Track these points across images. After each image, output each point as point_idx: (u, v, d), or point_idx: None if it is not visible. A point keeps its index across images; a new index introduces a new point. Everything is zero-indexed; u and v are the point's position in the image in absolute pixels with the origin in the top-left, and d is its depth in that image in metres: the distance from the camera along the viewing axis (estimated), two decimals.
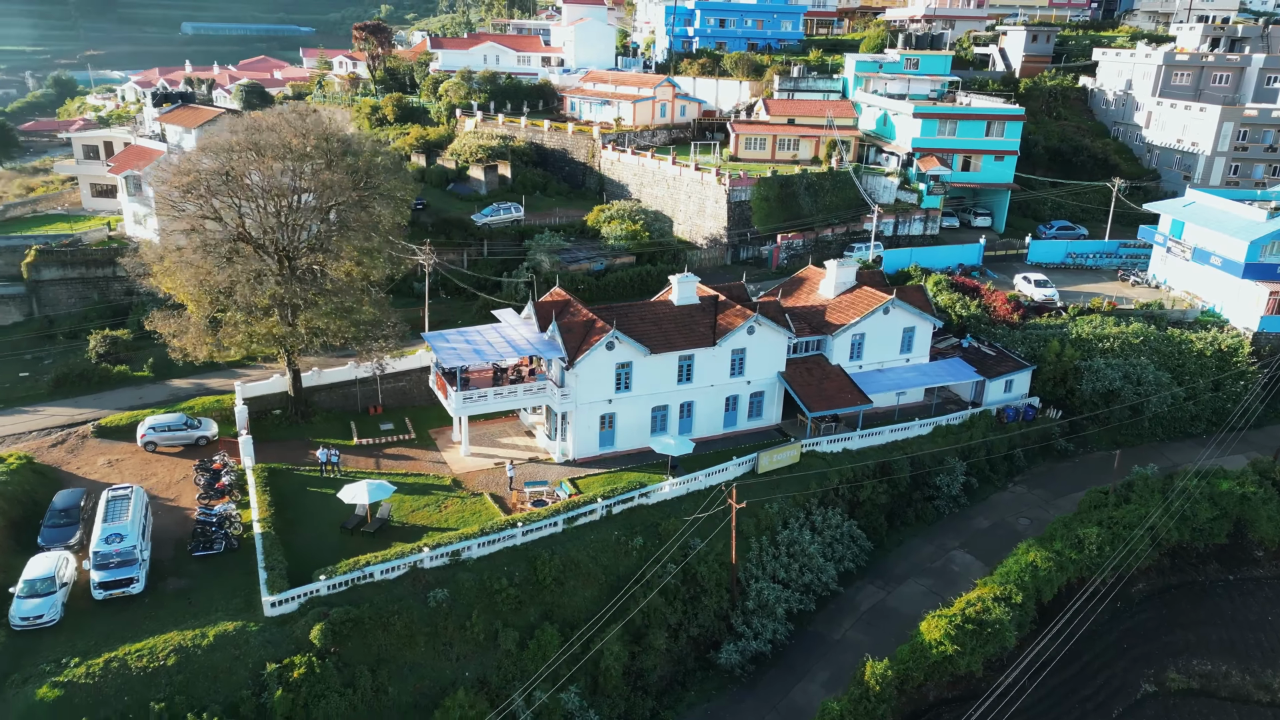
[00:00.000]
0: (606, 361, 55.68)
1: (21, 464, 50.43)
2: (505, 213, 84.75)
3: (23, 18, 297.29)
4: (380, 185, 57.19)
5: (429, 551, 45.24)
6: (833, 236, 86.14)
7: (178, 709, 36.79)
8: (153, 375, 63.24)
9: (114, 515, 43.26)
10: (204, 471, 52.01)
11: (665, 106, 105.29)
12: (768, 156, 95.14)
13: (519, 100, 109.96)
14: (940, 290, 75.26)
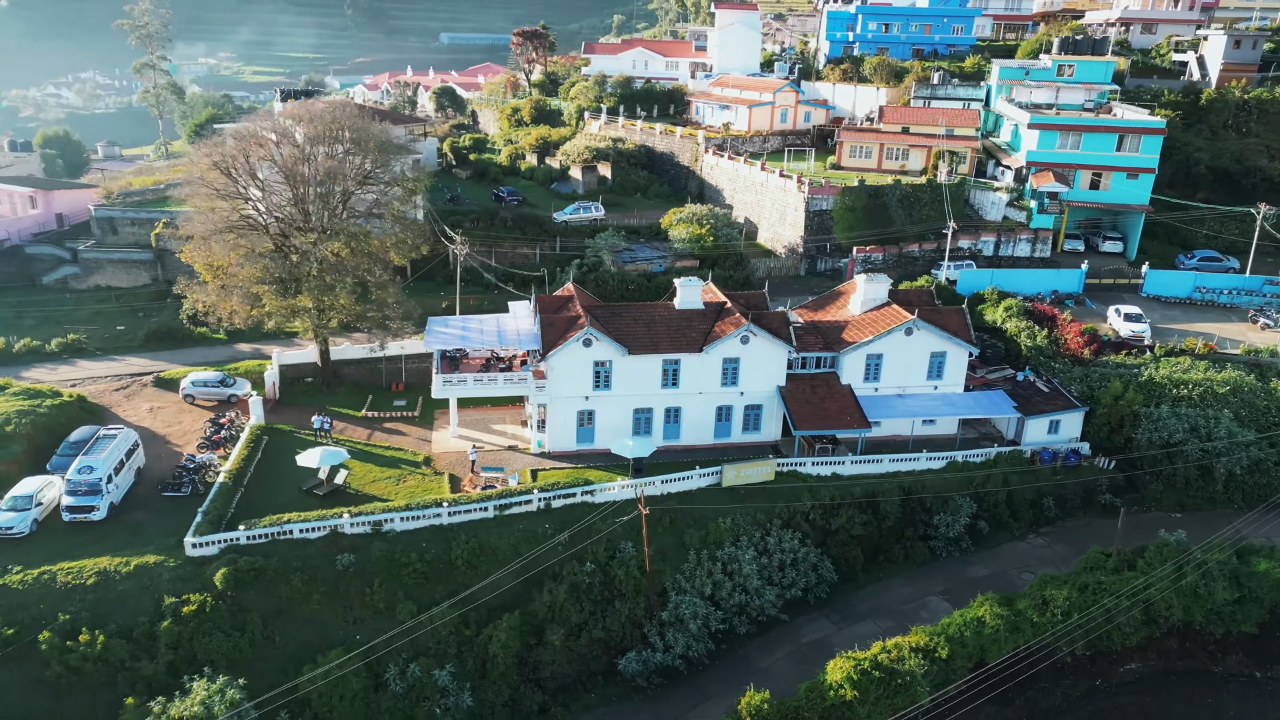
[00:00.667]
0: (583, 358, 56.19)
1: (72, 401, 58.85)
2: (585, 211, 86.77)
3: (308, 28, 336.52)
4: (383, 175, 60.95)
5: (349, 518, 48.15)
6: (919, 253, 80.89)
7: (80, 624, 41.96)
8: (226, 338, 71.04)
9: (94, 451, 49.63)
10: (212, 424, 58.18)
11: (786, 112, 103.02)
12: (874, 165, 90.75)
13: (650, 104, 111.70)
14: (1010, 317, 68.84)
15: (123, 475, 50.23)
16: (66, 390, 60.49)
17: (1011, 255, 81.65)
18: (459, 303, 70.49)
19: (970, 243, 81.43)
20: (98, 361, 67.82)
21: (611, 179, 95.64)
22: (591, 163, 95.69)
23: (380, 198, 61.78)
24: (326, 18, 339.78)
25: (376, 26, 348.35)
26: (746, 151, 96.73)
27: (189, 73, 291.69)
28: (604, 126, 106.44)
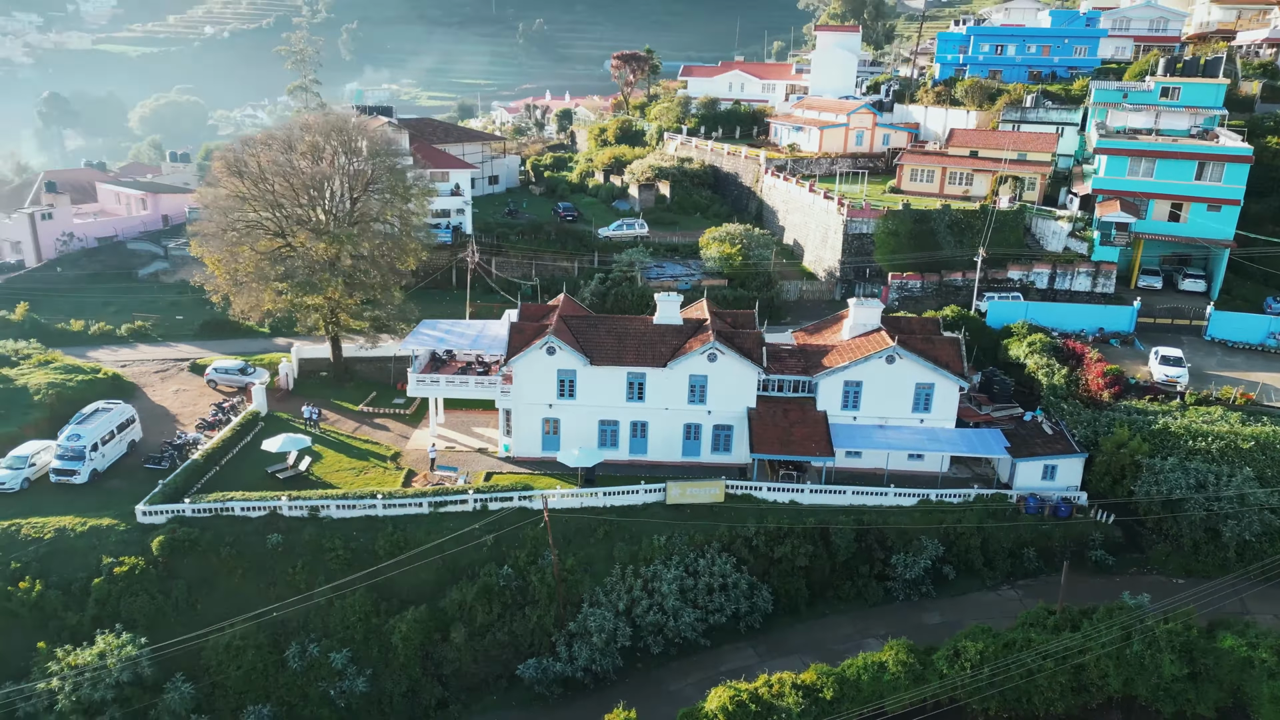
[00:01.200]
0: (547, 365, 56.97)
1: (105, 378, 65.29)
2: (628, 228, 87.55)
3: (483, 55, 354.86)
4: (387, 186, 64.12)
5: (287, 500, 51.00)
6: (963, 282, 76.40)
7: (27, 572, 46.64)
8: (269, 333, 76.54)
9: (87, 422, 54.98)
10: (216, 407, 63.02)
11: (862, 135, 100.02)
12: (935, 190, 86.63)
13: (732, 126, 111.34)
14: (1033, 352, 63.93)
15: (111, 446, 55.36)
16: (106, 368, 67.17)
17: (1069, 289, 75.62)
18: (466, 309, 72.93)
19: (1022, 273, 76.14)
20: (155, 346, 74.83)
21: (671, 198, 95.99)
22: (651, 181, 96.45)
23: (381, 204, 64.98)
24: (500, 46, 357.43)
25: (546, 54, 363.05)
26: (813, 173, 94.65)
27: (373, 97, 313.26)
28: (680, 147, 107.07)
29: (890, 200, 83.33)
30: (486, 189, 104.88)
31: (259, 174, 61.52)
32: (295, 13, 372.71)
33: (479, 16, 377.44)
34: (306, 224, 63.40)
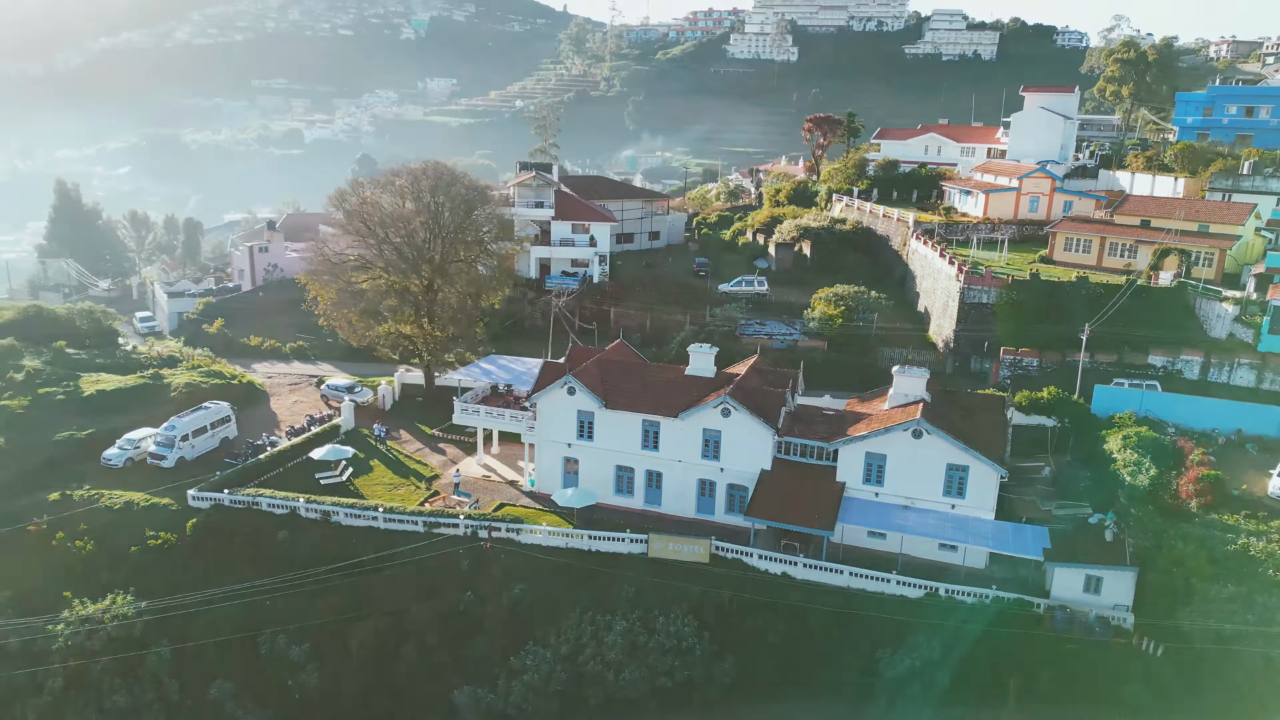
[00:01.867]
0: (567, 405, 58.00)
1: (241, 384, 75.00)
2: (748, 285, 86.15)
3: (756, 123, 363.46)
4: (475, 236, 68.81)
5: (304, 503, 55.89)
6: (1091, 364, 67.25)
7: (89, 534, 54.89)
8: (397, 358, 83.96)
9: (184, 417, 63.70)
10: (310, 418, 70.25)
11: (1037, 201, 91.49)
12: (1092, 261, 77.27)
13: (909, 189, 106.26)
14: (1127, 447, 54.94)
15: (203, 439, 63.71)
16: (246, 376, 77.20)
17: (1227, 383, 64.13)
18: (548, 350, 75.57)
19: (1166, 360, 65.79)
20: (305, 364, 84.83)
21: (811, 258, 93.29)
22: (794, 241, 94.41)
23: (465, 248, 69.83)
24: (773, 114, 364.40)
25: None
26: (969, 239, 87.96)
27: (644, 163, 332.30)
28: (844, 209, 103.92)
29: (1044, 270, 75.47)
30: (646, 244, 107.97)
31: (359, 210, 68.76)
32: (593, 87, 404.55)
33: (760, 88, 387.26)
34: (401, 261, 69.64)
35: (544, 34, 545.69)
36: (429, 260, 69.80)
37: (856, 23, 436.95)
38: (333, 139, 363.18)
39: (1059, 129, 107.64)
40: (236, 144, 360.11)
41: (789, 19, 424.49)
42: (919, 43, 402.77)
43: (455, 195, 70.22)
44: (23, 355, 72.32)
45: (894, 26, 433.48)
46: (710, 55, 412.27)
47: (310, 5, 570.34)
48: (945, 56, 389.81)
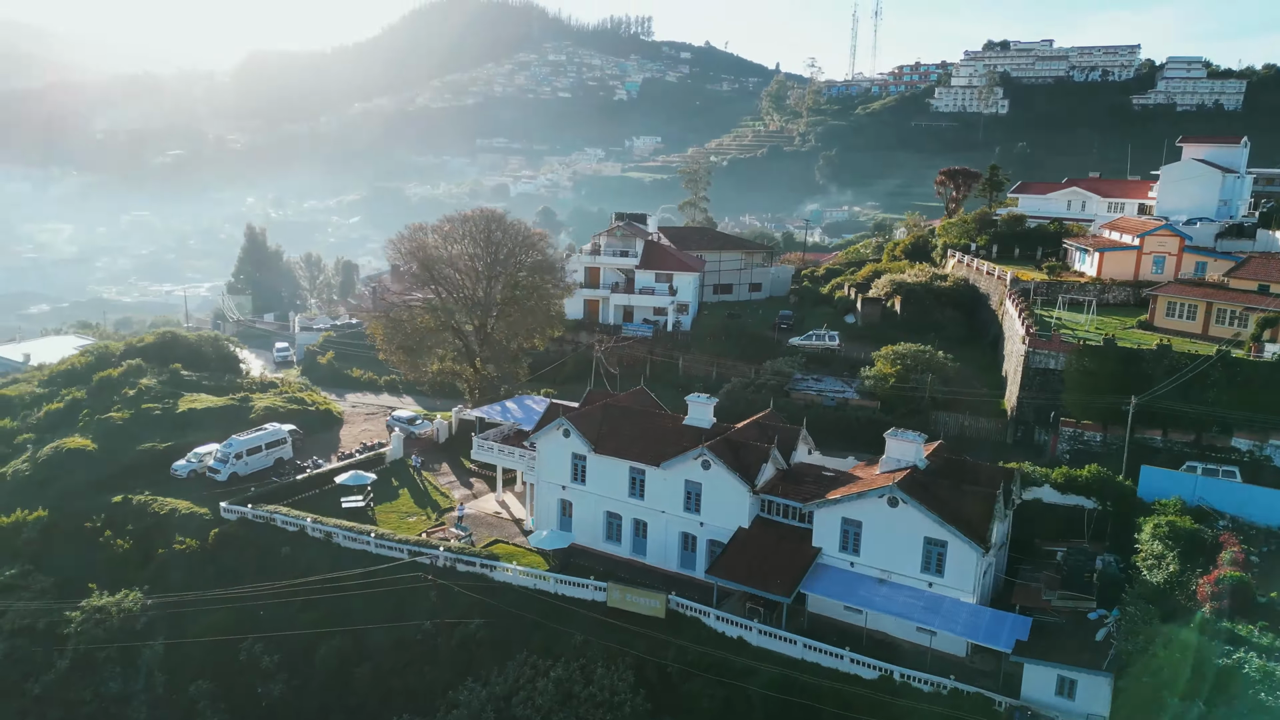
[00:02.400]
0: (562, 446, 58.46)
1: (319, 410, 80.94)
2: (819, 340, 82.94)
3: None
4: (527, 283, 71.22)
5: (311, 522, 59.51)
6: (1162, 443, 59.53)
7: (131, 535, 61.14)
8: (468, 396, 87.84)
9: (243, 437, 69.61)
10: (363, 445, 74.69)
11: (1162, 261, 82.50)
12: (1197, 330, 68.74)
13: (1032, 245, 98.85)
14: (1157, 537, 48.16)
15: (257, 458, 69.40)
16: (327, 402, 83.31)
17: None
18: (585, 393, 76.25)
19: (1253, 444, 57.18)
20: (393, 395, 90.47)
21: (902, 314, 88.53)
22: (885, 296, 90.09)
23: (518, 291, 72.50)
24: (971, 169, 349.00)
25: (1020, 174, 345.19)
26: (1080, 300, 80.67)
27: (830, 217, 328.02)
28: (956, 265, 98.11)
29: (1137, 336, 68.27)
30: (746, 295, 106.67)
31: (414, 252, 73.17)
32: (788, 142, 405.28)
33: (961, 142, 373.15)
34: (450, 301, 73.31)
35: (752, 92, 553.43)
36: (477, 301, 72.99)
37: (1078, 73, 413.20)
38: (535, 193, 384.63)
39: (1215, 184, 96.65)
40: (450, 197, 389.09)
41: (1001, 71, 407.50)
42: (1150, 92, 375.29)
43: (504, 240, 73.15)
44: (144, 375, 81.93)
45: (1121, 76, 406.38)
46: (912, 109, 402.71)
47: (536, 71, 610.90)
48: (1181, 107, 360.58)
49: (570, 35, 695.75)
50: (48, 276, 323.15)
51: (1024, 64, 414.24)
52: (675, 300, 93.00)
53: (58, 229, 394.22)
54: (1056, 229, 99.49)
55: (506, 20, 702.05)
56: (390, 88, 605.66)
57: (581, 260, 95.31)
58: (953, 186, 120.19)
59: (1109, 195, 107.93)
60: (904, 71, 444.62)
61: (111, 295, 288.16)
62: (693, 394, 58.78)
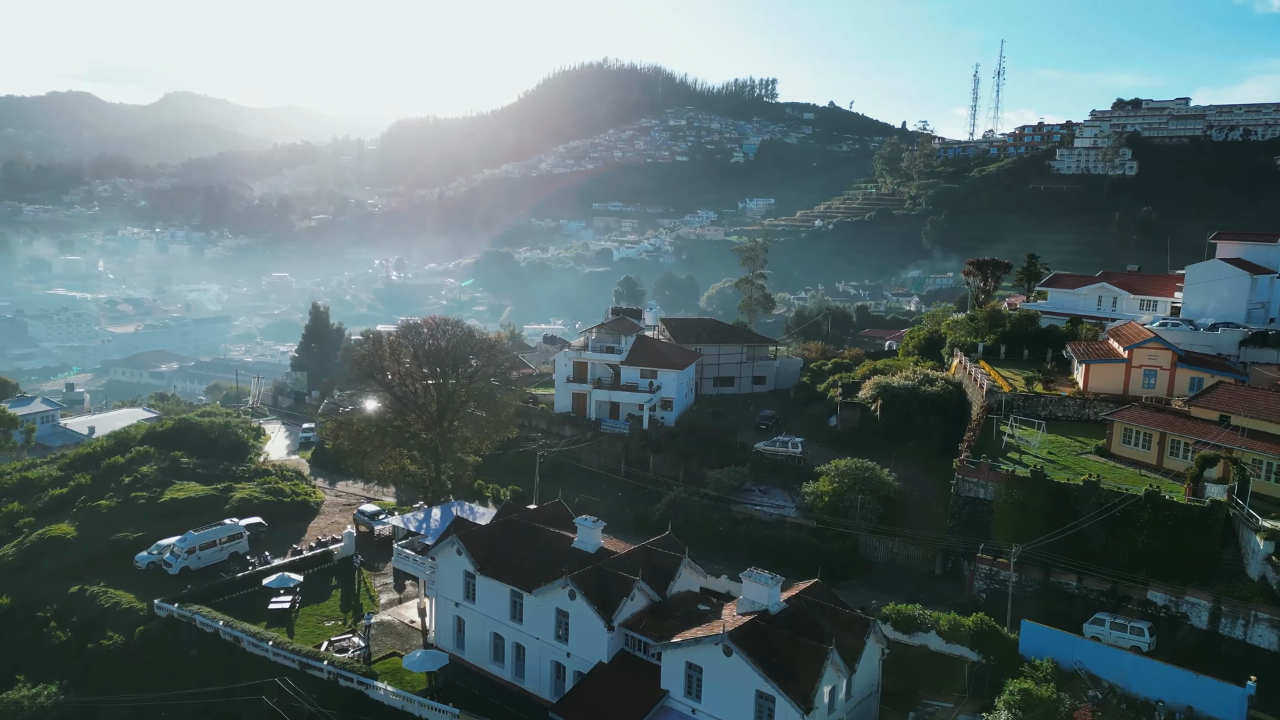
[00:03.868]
0: (455, 564, 59.56)
1: (295, 501, 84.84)
2: (782, 445, 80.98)
3: (1066, 242, 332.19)
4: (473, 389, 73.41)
5: (223, 626, 62.44)
6: (1078, 589, 55.24)
7: (70, 627, 65.69)
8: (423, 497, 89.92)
9: (199, 531, 73.78)
10: (317, 541, 77.78)
11: (1153, 375, 76.83)
12: (1152, 461, 63.67)
13: (1042, 347, 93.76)
14: (1008, 705, 44.78)
15: (211, 552, 73.44)
16: (309, 494, 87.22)
17: (1243, 639, 49.49)
18: (534, 494, 77.00)
19: (1168, 598, 52.33)
20: (381, 486, 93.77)
21: (882, 420, 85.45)
22: (866, 400, 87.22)
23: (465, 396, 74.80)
24: (1091, 234, 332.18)
25: (1147, 243, 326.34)
26: (1056, 417, 76.14)
27: (932, 284, 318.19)
28: (958, 366, 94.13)
29: (1093, 466, 64.05)
30: (749, 388, 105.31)
31: (364, 361, 76.60)
32: (897, 205, 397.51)
33: (1081, 206, 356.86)
34: (403, 406, 76.09)
35: (874, 151, 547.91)
36: (425, 408, 75.55)
37: (1216, 132, 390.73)
38: (636, 257, 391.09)
39: (1244, 286, 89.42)
40: (557, 261, 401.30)
41: (1130, 130, 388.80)
42: None
43: (448, 349, 75.67)
44: (147, 462, 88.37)
45: (1266, 135, 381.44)
46: (1031, 171, 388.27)
47: (656, 135, 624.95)
48: None
49: (693, 99, 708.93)
50: (189, 334, 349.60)
51: (1155, 124, 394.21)
52: (658, 396, 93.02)
53: (205, 288, 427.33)
54: (1069, 330, 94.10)
55: (633, 86, 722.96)
56: (518, 153, 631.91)
57: (569, 355, 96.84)
58: (980, 278, 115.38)
59: (1141, 292, 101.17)
60: (1025, 132, 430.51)
61: (238, 354, 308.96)
62: (582, 516, 58.82)
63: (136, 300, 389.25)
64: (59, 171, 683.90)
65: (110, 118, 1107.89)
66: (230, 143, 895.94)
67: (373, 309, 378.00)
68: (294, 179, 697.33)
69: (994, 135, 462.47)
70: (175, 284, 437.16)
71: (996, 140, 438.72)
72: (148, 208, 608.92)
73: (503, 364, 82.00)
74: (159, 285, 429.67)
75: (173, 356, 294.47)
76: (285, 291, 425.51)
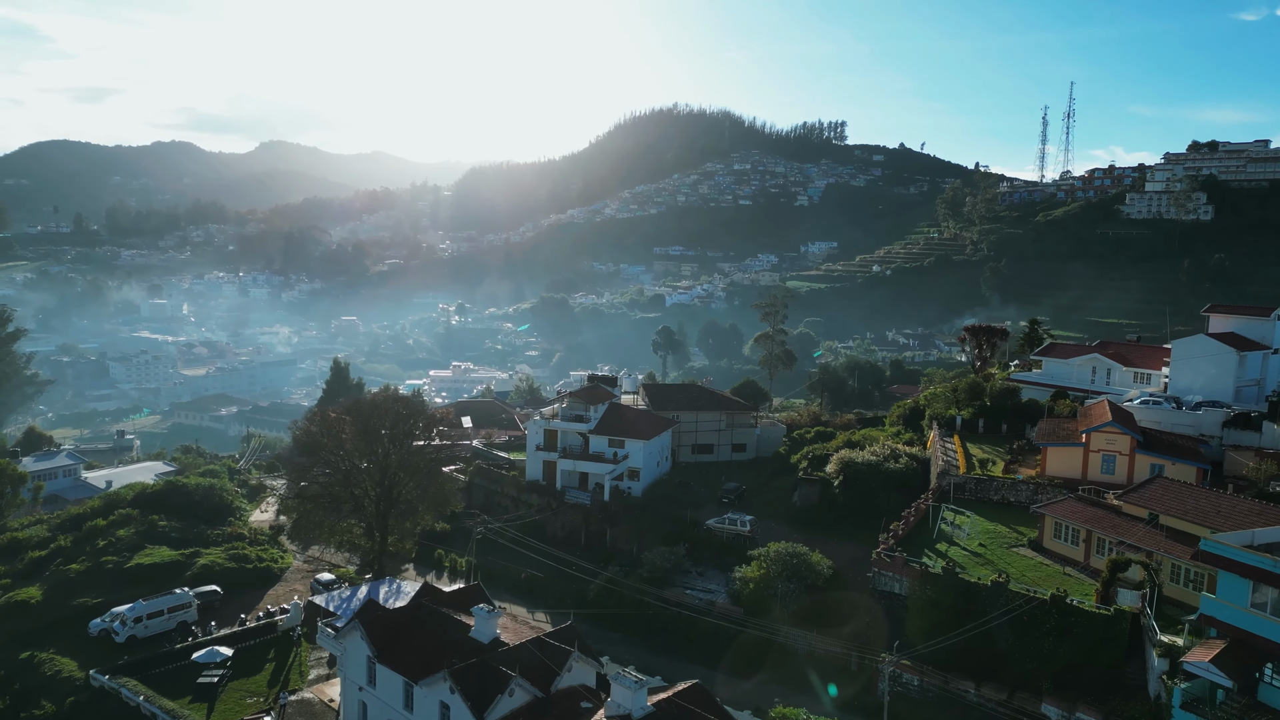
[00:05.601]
0: (359, 647, 60.00)
1: (259, 569, 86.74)
2: (731, 524, 79.59)
3: (1135, 292, 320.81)
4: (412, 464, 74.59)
5: (143, 701, 64.06)
6: (976, 698, 52.61)
7: (17, 695, 68.24)
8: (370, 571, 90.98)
9: (149, 600, 75.91)
10: (268, 612, 79.32)
11: (1111, 460, 73.31)
12: (1079, 558, 60.58)
13: (1024, 421, 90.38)
14: None
15: (158, 621, 75.35)
16: (271, 560, 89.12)
17: None
18: (473, 575, 77.14)
19: (1060, 712, 49.53)
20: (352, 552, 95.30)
21: (841, 496, 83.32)
22: (824, 476, 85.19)
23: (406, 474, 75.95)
24: (1160, 282, 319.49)
25: (1220, 290, 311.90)
26: (1009, 500, 73.20)
27: None
28: (932, 440, 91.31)
29: (1021, 565, 61.42)
30: (728, 455, 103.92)
31: (305, 438, 78.50)
32: (958, 251, 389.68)
33: (1151, 253, 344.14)
34: (345, 481, 77.59)
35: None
36: (361, 486, 76.99)
37: None
38: (688, 303, 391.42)
39: (1230, 363, 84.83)
40: (611, 307, 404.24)
41: (1206, 174, 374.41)
42: None
43: (390, 429, 77.07)
44: (126, 525, 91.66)
45: None
46: (1099, 216, 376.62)
47: (720, 180, 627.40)
48: None
49: (760, 143, 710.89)
50: (255, 377, 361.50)
51: (1233, 166, 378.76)
52: (624, 466, 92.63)
53: (276, 331, 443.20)
54: (1047, 404, 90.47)
55: (700, 131, 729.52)
56: (584, 198, 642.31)
57: (540, 424, 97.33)
58: (975, 345, 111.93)
59: (1134, 364, 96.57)
60: (1095, 175, 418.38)
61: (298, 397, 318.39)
62: (479, 605, 58.71)
63: (211, 343, 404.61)
64: (157, 218, 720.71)
65: (209, 165, 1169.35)
66: (318, 189, 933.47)
67: (430, 353, 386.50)
68: (373, 224, 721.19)
69: (1066, 177, 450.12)
70: (250, 327, 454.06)
71: (1065, 183, 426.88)
72: (235, 252, 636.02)
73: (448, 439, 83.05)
74: (235, 328, 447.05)
75: (233, 400, 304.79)
76: (351, 335, 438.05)
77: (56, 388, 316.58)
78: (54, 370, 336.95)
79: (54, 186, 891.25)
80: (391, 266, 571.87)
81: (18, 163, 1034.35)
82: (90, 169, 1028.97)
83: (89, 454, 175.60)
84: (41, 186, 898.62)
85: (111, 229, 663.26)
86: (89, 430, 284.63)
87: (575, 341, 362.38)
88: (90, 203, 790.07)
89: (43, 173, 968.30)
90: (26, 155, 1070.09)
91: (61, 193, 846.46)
